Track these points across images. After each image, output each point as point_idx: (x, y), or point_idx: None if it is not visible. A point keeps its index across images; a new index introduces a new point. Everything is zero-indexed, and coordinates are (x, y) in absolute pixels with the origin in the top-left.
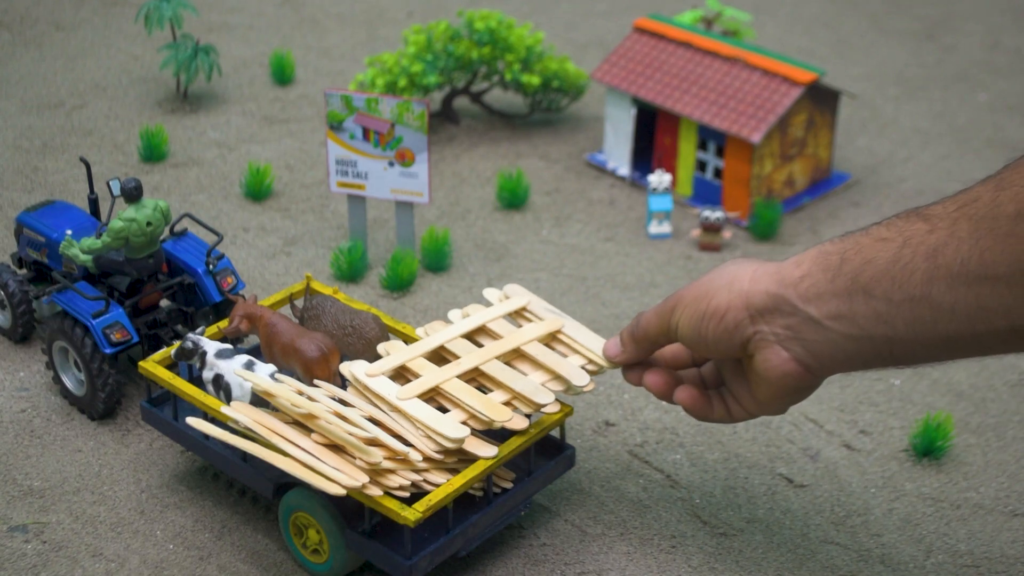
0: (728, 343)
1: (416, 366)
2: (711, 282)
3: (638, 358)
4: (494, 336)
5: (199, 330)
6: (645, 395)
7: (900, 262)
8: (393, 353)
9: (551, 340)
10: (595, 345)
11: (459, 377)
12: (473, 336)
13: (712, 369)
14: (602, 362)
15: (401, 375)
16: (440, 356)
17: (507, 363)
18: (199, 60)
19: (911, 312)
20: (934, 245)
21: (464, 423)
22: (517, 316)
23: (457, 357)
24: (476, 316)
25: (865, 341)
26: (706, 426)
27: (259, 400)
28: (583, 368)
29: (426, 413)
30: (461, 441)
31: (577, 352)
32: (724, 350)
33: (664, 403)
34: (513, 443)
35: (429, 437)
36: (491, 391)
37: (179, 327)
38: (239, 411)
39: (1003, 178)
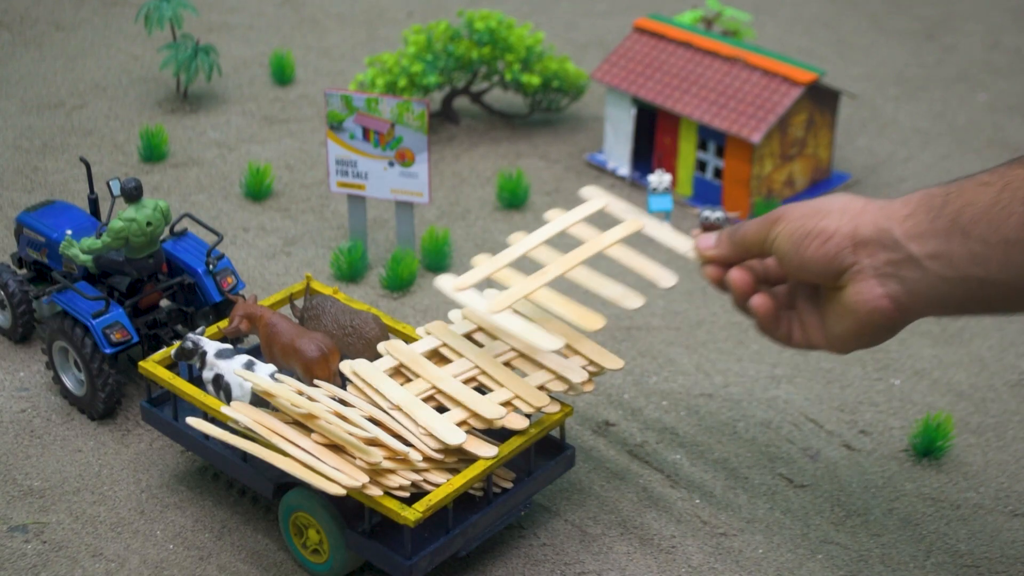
0: (824, 267)
1: (503, 277)
2: (823, 204)
3: (728, 259)
4: (578, 241)
5: (199, 330)
6: (645, 395)
7: (998, 205)
8: (480, 266)
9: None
10: (680, 244)
11: (548, 285)
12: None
13: (786, 292)
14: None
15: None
16: (525, 267)
17: (507, 364)
18: (199, 60)
19: (1005, 254)
20: None
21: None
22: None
23: (542, 265)
24: (556, 222)
25: (959, 283)
26: (706, 426)
27: (259, 400)
28: (584, 368)
29: (426, 415)
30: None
31: (662, 245)
32: (817, 273)
33: (664, 403)
34: (513, 443)
35: (430, 435)
36: (491, 391)
37: (179, 327)
38: (239, 411)
39: None
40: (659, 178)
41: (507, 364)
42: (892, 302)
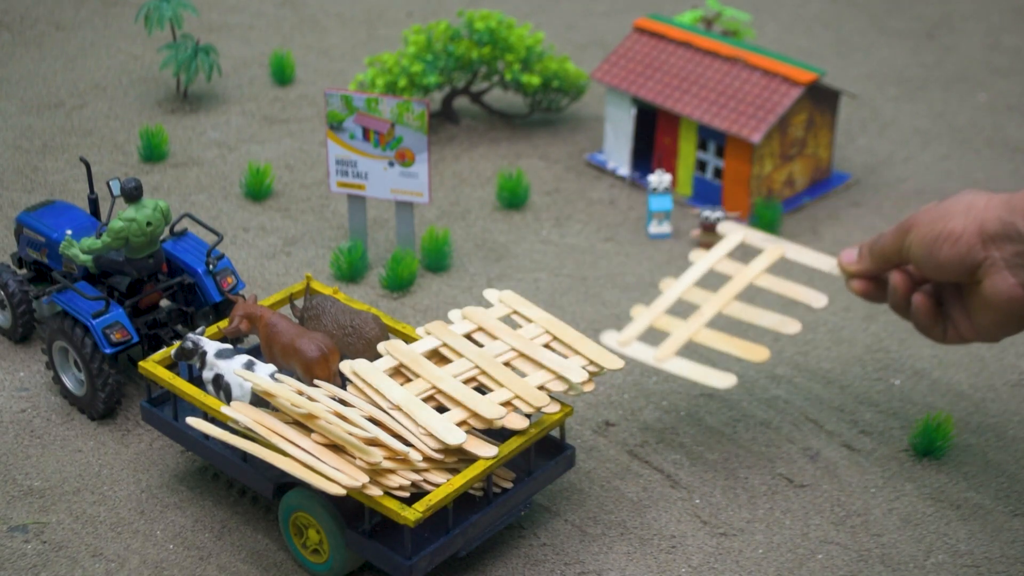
0: (959, 266)
1: (664, 324)
2: (949, 207)
3: (870, 272)
4: (725, 276)
5: (199, 330)
6: (645, 395)
7: None
8: (639, 317)
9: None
10: (822, 263)
11: (707, 325)
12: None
13: (932, 292)
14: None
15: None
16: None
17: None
18: (199, 60)
19: None
20: None
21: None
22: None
23: (697, 306)
24: (701, 263)
25: None
26: (706, 426)
27: (259, 400)
28: (584, 368)
29: (426, 414)
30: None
31: (807, 267)
32: (954, 272)
33: (664, 403)
34: (513, 443)
35: (430, 435)
36: (491, 391)
37: (179, 327)
38: (239, 411)
39: None
40: (659, 178)
41: (507, 364)
42: None
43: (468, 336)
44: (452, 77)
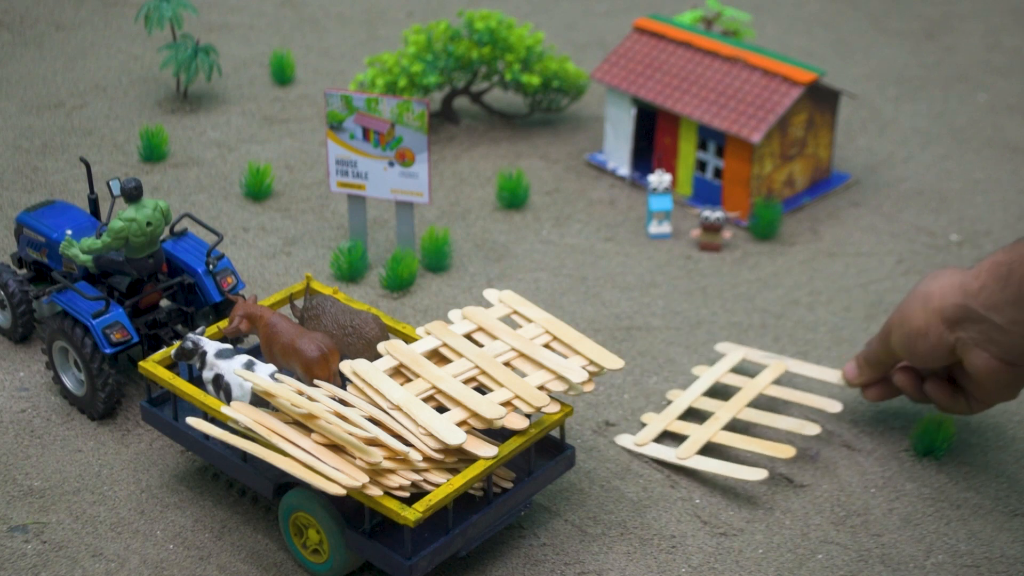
0: (940, 353)
1: (679, 428)
2: (909, 305)
3: (873, 379)
4: (736, 386)
5: (199, 330)
6: (645, 395)
7: None
8: (651, 423)
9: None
10: (827, 375)
11: (723, 429)
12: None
13: (944, 375)
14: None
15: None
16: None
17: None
18: (199, 60)
19: None
20: None
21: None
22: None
23: (712, 414)
24: (706, 376)
25: None
26: (707, 412)
27: (259, 400)
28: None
29: (427, 415)
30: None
31: (812, 380)
32: (938, 360)
33: (664, 403)
34: (513, 443)
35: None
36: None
37: (179, 327)
38: (239, 411)
39: None
40: (659, 178)
41: (507, 364)
42: (1000, 363)
43: (468, 336)
44: (452, 77)
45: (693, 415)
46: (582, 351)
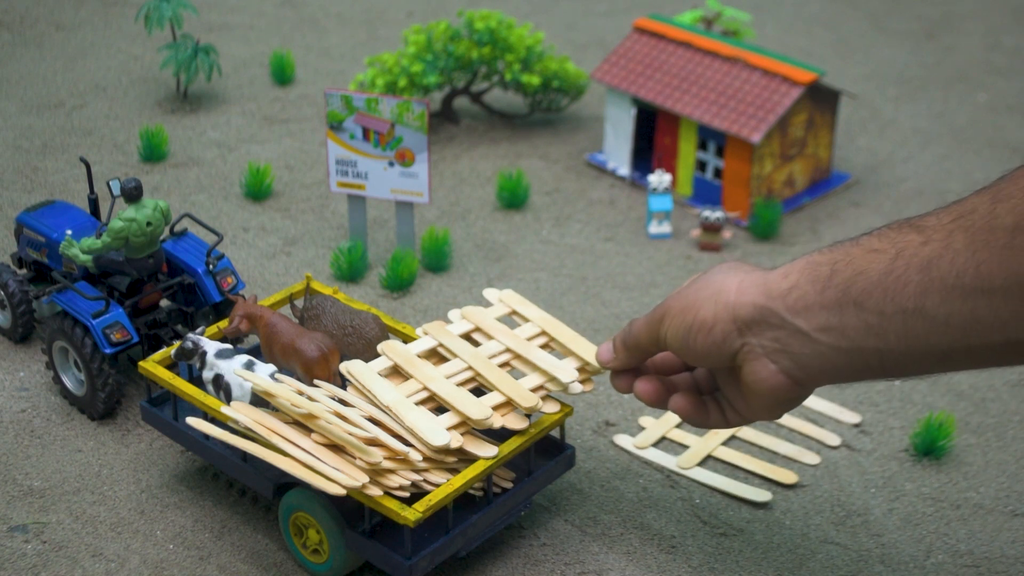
0: (717, 355)
1: (677, 436)
2: (697, 293)
3: (629, 365)
4: None
5: (199, 330)
6: None
7: (893, 274)
8: (649, 428)
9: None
10: (824, 407)
11: (723, 444)
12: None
13: (706, 374)
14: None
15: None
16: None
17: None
18: (199, 60)
19: (903, 325)
20: (928, 257)
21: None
22: None
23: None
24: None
25: (855, 353)
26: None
27: (259, 400)
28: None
29: (414, 415)
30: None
31: (809, 409)
32: (714, 361)
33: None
34: (513, 443)
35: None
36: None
37: (179, 327)
38: (239, 411)
39: (999, 189)
40: (659, 178)
41: (503, 365)
42: (787, 377)
43: (466, 336)
44: (452, 77)
45: (690, 426)
46: (577, 351)
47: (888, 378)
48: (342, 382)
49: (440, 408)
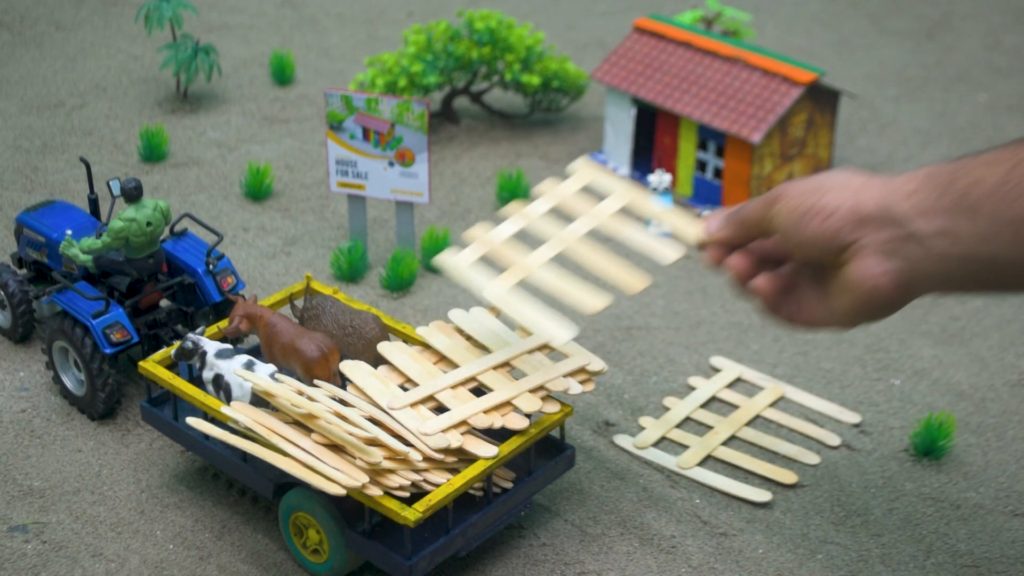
0: (826, 244)
1: (677, 436)
2: (824, 180)
3: (732, 240)
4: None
5: (199, 330)
6: (645, 395)
7: (1009, 183)
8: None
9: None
10: (823, 406)
11: (723, 445)
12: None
13: (789, 272)
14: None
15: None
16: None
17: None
18: (199, 60)
19: (1014, 234)
20: None
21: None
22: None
23: (710, 427)
24: (704, 388)
25: (965, 261)
26: (706, 426)
27: (259, 400)
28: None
29: (405, 417)
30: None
31: (809, 409)
32: (818, 250)
33: (664, 403)
34: (513, 443)
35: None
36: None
37: (179, 327)
38: (239, 411)
39: None
40: (659, 178)
41: (504, 364)
42: (893, 279)
43: (466, 336)
44: (452, 77)
45: (690, 426)
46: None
47: (996, 290)
48: (342, 382)
49: (440, 408)
